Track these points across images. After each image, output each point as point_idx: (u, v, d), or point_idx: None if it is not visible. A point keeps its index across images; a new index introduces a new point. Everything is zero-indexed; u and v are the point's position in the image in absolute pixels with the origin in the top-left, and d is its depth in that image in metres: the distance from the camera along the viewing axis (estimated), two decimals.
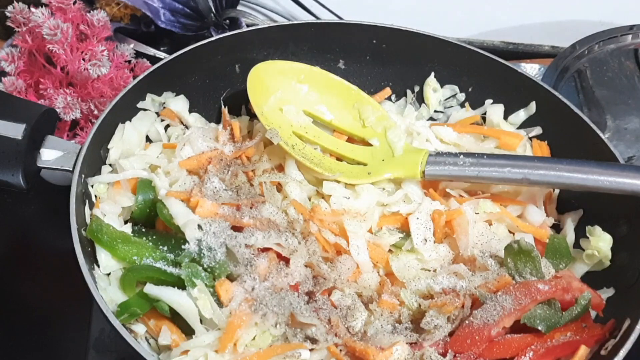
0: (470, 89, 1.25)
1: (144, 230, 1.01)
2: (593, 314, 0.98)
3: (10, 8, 1.24)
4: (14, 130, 1.00)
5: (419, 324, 0.94)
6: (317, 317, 0.93)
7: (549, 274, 0.99)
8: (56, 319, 1.19)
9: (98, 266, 0.96)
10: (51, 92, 1.26)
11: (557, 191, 1.14)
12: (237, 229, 0.99)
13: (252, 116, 1.19)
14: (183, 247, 0.96)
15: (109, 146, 1.07)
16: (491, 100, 1.23)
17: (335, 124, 1.18)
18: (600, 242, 1.03)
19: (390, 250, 1.05)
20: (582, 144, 1.11)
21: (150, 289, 0.92)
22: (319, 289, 0.96)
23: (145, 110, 1.14)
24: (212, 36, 1.29)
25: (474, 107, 1.24)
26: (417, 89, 1.27)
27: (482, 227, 1.05)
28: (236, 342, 0.89)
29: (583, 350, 0.90)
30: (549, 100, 1.16)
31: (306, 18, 1.55)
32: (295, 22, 1.28)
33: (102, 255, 0.96)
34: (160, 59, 1.14)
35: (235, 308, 0.91)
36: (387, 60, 1.25)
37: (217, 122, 1.22)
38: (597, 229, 1.05)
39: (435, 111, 1.27)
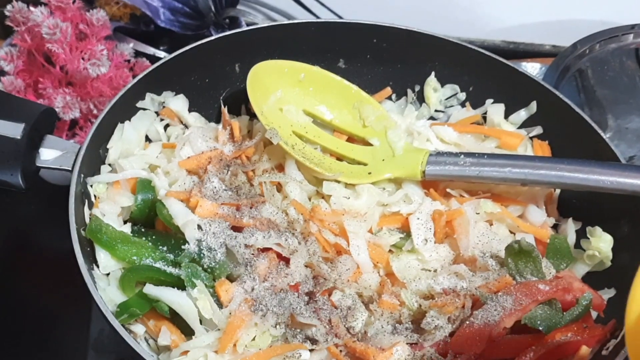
0: (470, 89, 1.24)
1: (143, 230, 1.01)
2: (594, 314, 0.97)
3: (9, 7, 1.24)
4: (13, 129, 1.00)
5: (420, 325, 0.94)
6: (317, 317, 0.93)
7: (550, 275, 0.98)
8: (55, 319, 1.19)
9: (97, 266, 0.95)
10: (50, 92, 1.26)
11: (558, 191, 1.13)
12: (237, 229, 0.99)
13: (252, 116, 1.18)
14: (183, 247, 0.96)
15: (108, 146, 1.07)
16: (492, 100, 1.22)
17: (336, 123, 1.18)
18: (601, 243, 1.03)
19: (390, 251, 1.04)
20: (583, 144, 1.11)
21: (150, 289, 0.92)
22: (319, 289, 0.96)
23: (144, 109, 1.14)
24: (211, 35, 1.28)
25: (474, 107, 1.24)
26: (417, 88, 1.26)
27: (483, 227, 1.05)
28: (236, 342, 0.89)
29: (584, 351, 0.90)
30: (549, 100, 1.15)
31: (306, 17, 1.55)
32: (295, 21, 1.27)
33: (102, 255, 0.95)
34: (160, 58, 1.14)
35: (235, 308, 0.91)
36: (388, 60, 1.24)
37: (217, 121, 1.21)
38: (598, 230, 1.05)
39: (436, 111, 1.26)
